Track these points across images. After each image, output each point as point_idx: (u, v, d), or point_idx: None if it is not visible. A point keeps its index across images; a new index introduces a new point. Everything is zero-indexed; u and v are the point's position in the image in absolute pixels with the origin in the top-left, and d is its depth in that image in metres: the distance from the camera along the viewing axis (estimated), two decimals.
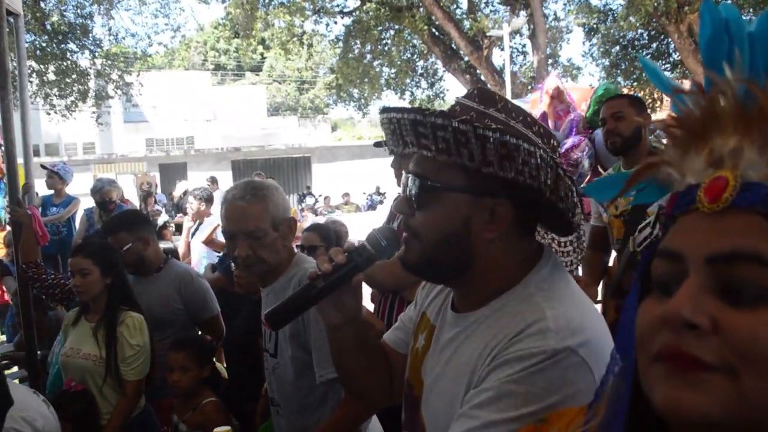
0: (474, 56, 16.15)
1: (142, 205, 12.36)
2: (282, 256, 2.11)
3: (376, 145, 3.89)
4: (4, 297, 6.55)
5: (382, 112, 1.17)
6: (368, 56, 17.90)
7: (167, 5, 16.97)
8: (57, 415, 2.23)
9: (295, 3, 16.52)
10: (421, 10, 16.05)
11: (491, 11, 17.83)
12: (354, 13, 17.45)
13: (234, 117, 32.41)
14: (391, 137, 1.15)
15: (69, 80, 15.27)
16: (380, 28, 17.22)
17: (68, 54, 15.24)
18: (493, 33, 16.06)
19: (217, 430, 1.83)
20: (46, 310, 4.37)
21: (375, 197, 22.88)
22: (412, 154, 1.14)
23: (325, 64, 29.01)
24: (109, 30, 16.37)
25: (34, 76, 14.45)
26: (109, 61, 16.07)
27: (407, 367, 1.32)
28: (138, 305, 2.97)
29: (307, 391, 2.04)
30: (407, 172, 1.18)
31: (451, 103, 1.22)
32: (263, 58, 43.84)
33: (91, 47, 15.50)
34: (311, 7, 17.15)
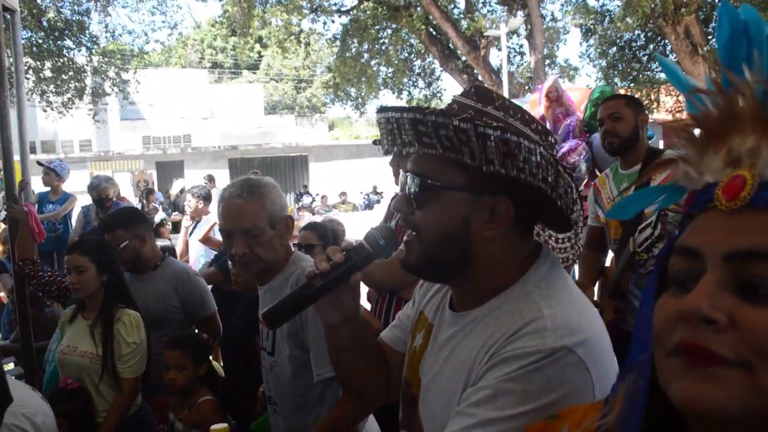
0: (471, 56, 16.17)
1: (144, 202, 12.32)
2: (279, 255, 2.11)
3: (375, 143, 3.90)
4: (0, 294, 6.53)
5: (380, 112, 1.16)
6: (365, 55, 17.90)
7: (164, 2, 16.89)
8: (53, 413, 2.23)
9: (293, 1, 16.50)
10: (419, 9, 16.06)
11: (488, 11, 17.85)
12: (351, 12, 17.45)
13: (231, 115, 32.37)
14: (388, 137, 1.14)
15: (65, 77, 15.22)
16: (378, 27, 17.23)
17: (65, 51, 15.19)
18: (490, 33, 16.07)
19: (214, 428, 1.83)
20: (43, 307, 4.37)
21: (372, 196, 22.88)
22: (410, 153, 1.14)
23: (323, 63, 29.03)
24: (106, 27, 16.30)
25: (31, 72, 14.40)
26: (106, 59, 16.01)
27: (405, 365, 1.32)
28: (134, 303, 2.96)
29: (305, 389, 2.04)
30: (405, 171, 1.18)
31: (448, 103, 1.22)
32: (260, 57, 43.84)
33: (88, 44, 15.44)
34: (309, 5, 17.14)
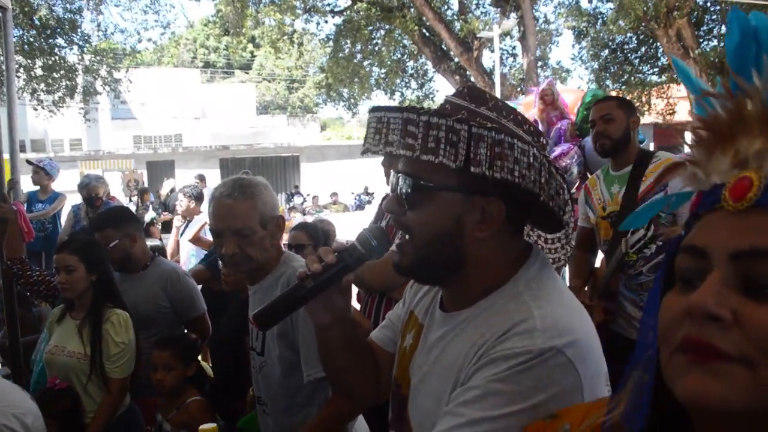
0: (464, 57, 16.20)
1: (138, 201, 12.25)
2: (270, 255, 2.10)
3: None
4: None
5: (373, 111, 1.15)
6: (358, 56, 17.91)
7: (157, 1, 16.80)
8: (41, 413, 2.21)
9: (286, 1, 16.49)
10: (412, 10, 16.09)
11: (482, 13, 17.89)
12: (345, 13, 17.45)
13: (223, 115, 32.27)
14: (374, 136, 1.13)
15: (57, 75, 15.14)
16: (371, 27, 17.23)
17: (56, 49, 15.10)
18: (483, 34, 16.11)
19: (202, 428, 1.82)
20: (30, 307, 4.34)
21: (363, 197, 22.89)
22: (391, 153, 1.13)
23: (315, 64, 28.97)
24: (98, 25, 16.21)
25: (22, 71, 14.30)
26: (98, 57, 15.93)
27: (395, 365, 1.32)
28: (123, 303, 2.94)
29: (294, 389, 2.03)
30: (396, 171, 1.17)
31: (441, 103, 1.22)
32: (253, 57, 43.74)
33: (80, 42, 15.36)
34: (302, 5, 17.13)
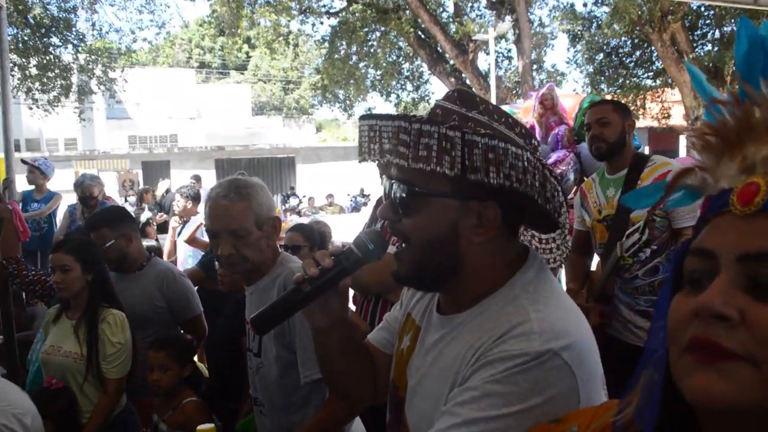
0: (459, 60, 16.23)
1: (137, 201, 12.22)
2: (266, 255, 2.11)
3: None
4: None
5: (363, 119, 1.15)
6: (354, 57, 17.91)
7: (152, 1, 16.76)
8: None
9: (282, 2, 16.48)
10: (408, 12, 16.11)
11: (477, 15, 17.91)
12: (340, 14, 17.45)
13: (218, 116, 32.20)
14: (368, 145, 1.13)
15: (51, 75, 15.08)
16: (366, 29, 17.25)
17: (51, 48, 15.04)
18: (478, 37, 16.15)
19: (200, 428, 1.82)
20: (24, 306, 4.33)
21: (359, 199, 22.88)
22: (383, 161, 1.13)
23: (311, 65, 28.99)
24: (93, 25, 16.16)
25: (16, 69, 14.25)
26: (93, 57, 15.87)
27: (392, 367, 1.33)
28: (119, 303, 2.94)
29: (291, 390, 2.03)
30: (390, 177, 1.17)
31: (431, 107, 1.21)
32: (248, 57, 43.69)
33: (75, 41, 15.31)
34: (297, 6, 17.12)
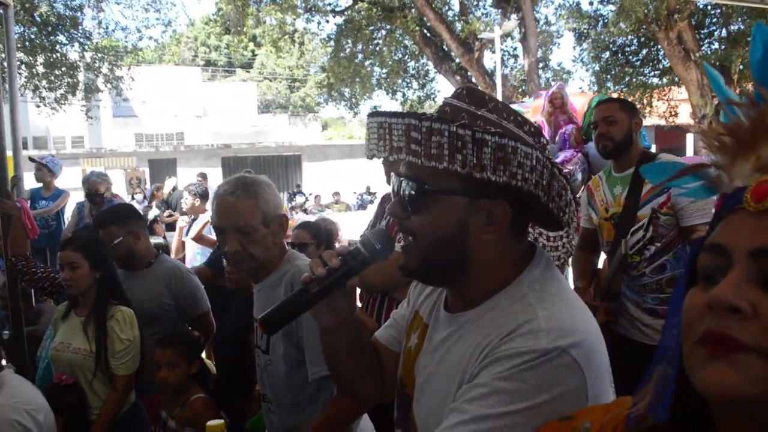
0: (465, 58, 16.20)
1: (150, 198, 12.26)
2: (273, 253, 2.11)
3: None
4: None
5: (372, 116, 1.15)
6: (359, 56, 17.90)
7: None
8: None
9: (287, 0, 16.48)
10: (413, 11, 16.09)
11: (483, 14, 17.90)
12: (346, 13, 17.44)
13: (224, 114, 32.26)
14: (377, 142, 1.13)
15: (58, 73, 15.13)
16: (372, 27, 17.23)
17: (57, 46, 15.09)
18: (484, 35, 16.12)
19: (210, 424, 1.83)
20: (32, 303, 4.35)
21: (365, 197, 22.89)
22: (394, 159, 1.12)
23: (317, 63, 28.95)
24: (99, 23, 16.22)
25: (23, 68, 14.30)
26: (99, 54, 15.92)
27: (400, 365, 1.33)
28: (127, 300, 2.95)
29: (299, 387, 2.04)
30: (398, 175, 1.17)
31: (439, 105, 1.21)
32: (254, 55, 43.71)
33: (81, 40, 15.36)
34: (303, 5, 17.12)
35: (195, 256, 5.63)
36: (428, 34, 17.00)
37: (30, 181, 6.33)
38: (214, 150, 27.62)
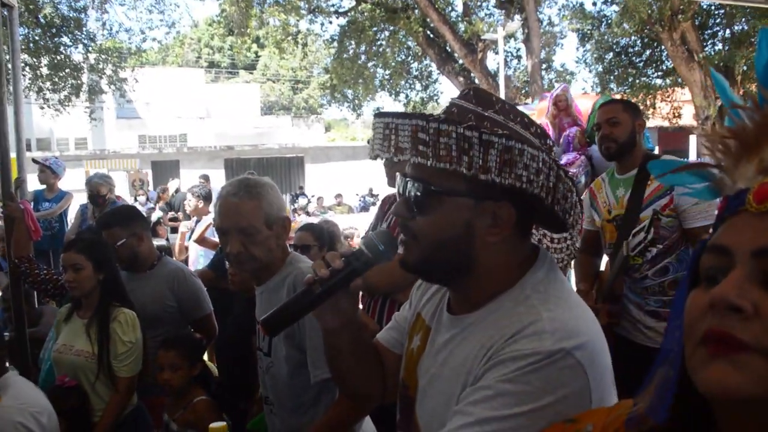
0: (468, 59, 16.19)
1: (156, 200, 12.30)
2: (275, 255, 2.11)
3: (369, 142, 3.90)
4: None
5: (379, 116, 1.14)
6: (363, 57, 17.89)
7: (162, 1, 16.86)
8: None
9: (290, 2, 16.49)
10: (416, 12, 16.08)
11: (486, 15, 17.86)
12: (349, 14, 17.45)
13: (227, 115, 32.31)
14: (383, 142, 1.13)
15: (62, 74, 15.17)
16: (375, 29, 17.23)
17: (61, 48, 15.13)
18: (487, 36, 16.10)
19: (212, 426, 1.82)
20: (34, 304, 4.35)
21: (368, 199, 22.87)
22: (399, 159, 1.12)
23: (320, 64, 29.00)
24: (103, 24, 16.26)
25: (27, 69, 14.34)
26: (103, 56, 15.96)
27: (402, 367, 1.33)
28: (130, 302, 2.95)
29: (301, 390, 2.04)
30: (404, 175, 1.17)
31: (446, 106, 1.21)
32: (257, 57, 43.77)
33: (85, 41, 15.40)
34: (306, 6, 17.13)
35: (198, 258, 5.64)
36: (431, 36, 16.99)
37: (33, 183, 6.34)
38: (217, 152, 27.67)
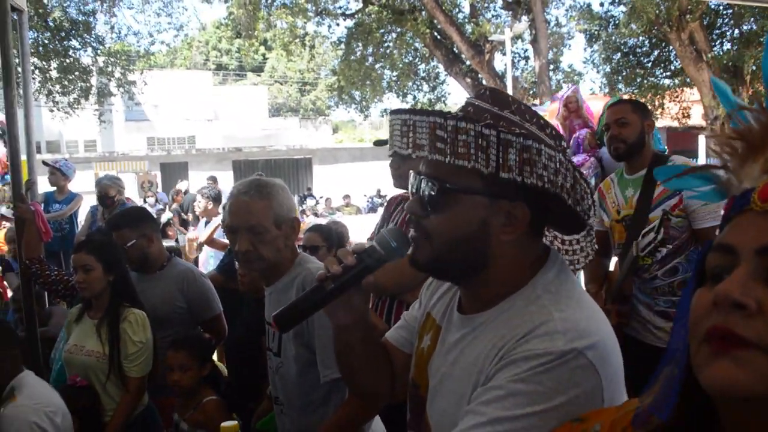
0: (476, 60, 16.19)
1: (170, 201, 12.36)
2: (284, 255, 2.12)
3: (376, 144, 3.88)
4: (7, 294, 6.55)
5: (396, 113, 1.15)
6: (370, 59, 17.93)
7: (170, 4, 16.99)
8: None
9: (298, 4, 16.55)
10: (424, 13, 16.10)
11: (493, 16, 17.86)
12: (356, 16, 17.48)
13: (235, 117, 32.42)
14: (401, 139, 1.12)
15: (71, 77, 15.27)
16: (382, 30, 17.26)
17: (71, 51, 15.24)
18: (494, 38, 16.09)
19: (224, 425, 1.83)
20: (44, 305, 4.38)
21: (376, 200, 22.87)
22: (419, 157, 1.12)
23: (327, 66, 29.05)
24: (112, 28, 16.42)
25: (37, 72, 14.45)
26: (112, 59, 16.06)
27: (412, 366, 1.33)
28: (141, 302, 2.96)
29: (311, 389, 2.05)
30: (418, 173, 1.17)
31: (455, 107, 1.22)
32: (265, 59, 43.87)
33: (94, 44, 15.51)
34: (313, 8, 17.18)
35: (208, 260, 5.65)
36: (438, 37, 17.00)
37: (44, 185, 6.38)
38: (225, 153, 27.76)
